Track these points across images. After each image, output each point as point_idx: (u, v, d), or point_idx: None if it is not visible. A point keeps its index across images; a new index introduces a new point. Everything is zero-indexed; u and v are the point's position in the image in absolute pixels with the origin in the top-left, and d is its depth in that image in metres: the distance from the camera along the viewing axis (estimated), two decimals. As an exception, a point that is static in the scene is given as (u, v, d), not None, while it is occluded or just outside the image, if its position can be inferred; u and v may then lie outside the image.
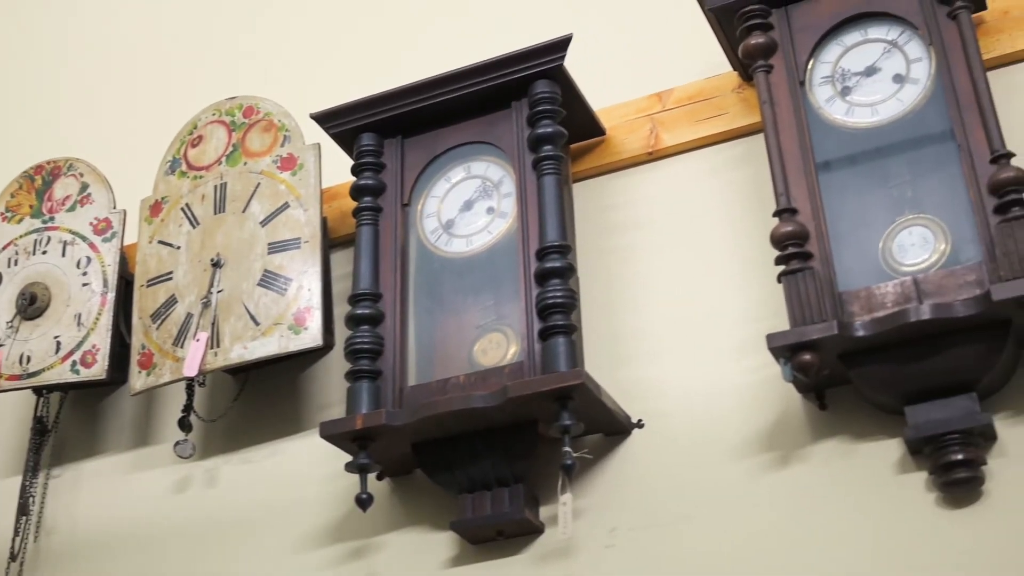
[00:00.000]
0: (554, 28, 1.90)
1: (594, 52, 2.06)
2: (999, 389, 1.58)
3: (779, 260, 1.61)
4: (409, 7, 2.40)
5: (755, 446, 1.69)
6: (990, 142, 1.56)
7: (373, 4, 2.45)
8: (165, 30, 2.67)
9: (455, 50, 2.11)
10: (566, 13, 2.18)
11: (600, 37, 2.11)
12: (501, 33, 2.13)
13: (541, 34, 1.88)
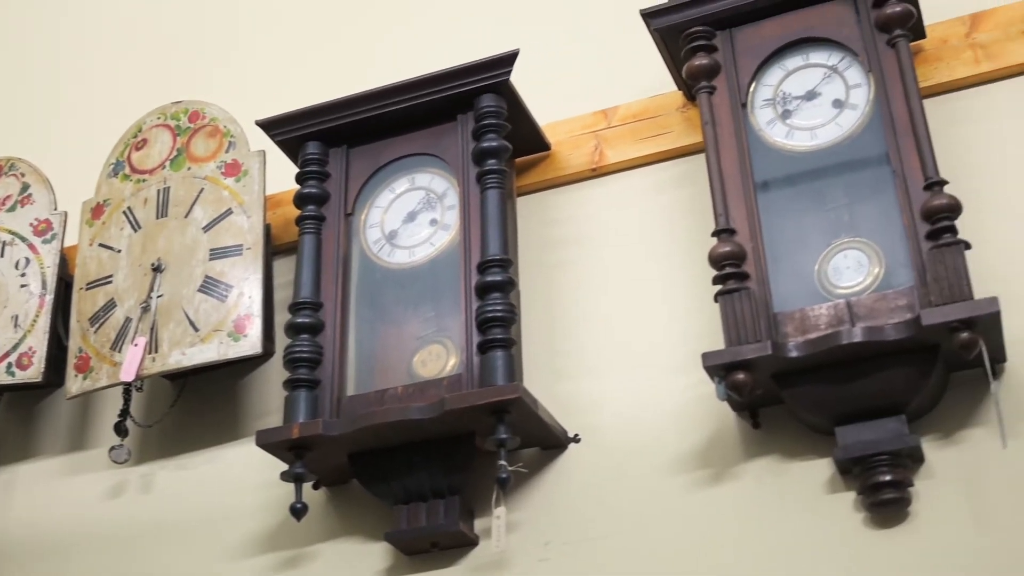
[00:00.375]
0: (503, 43, 1.91)
1: (541, 67, 2.07)
2: (928, 412, 1.60)
3: (716, 280, 1.63)
4: (359, 18, 2.40)
5: (689, 463, 1.71)
6: (924, 169, 1.59)
7: (324, 14, 2.45)
8: (112, 32, 2.65)
9: (404, 61, 2.11)
10: (515, 28, 2.19)
11: (548, 53, 2.12)
12: (450, 46, 2.14)
13: (490, 48, 1.89)
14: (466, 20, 2.26)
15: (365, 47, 2.34)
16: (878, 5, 1.70)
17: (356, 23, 2.40)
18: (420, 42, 2.28)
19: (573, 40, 2.15)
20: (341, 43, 2.38)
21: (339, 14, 2.43)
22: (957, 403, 1.60)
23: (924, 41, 1.83)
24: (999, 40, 1.81)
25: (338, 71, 2.29)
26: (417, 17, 2.33)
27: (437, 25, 2.29)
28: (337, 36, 2.40)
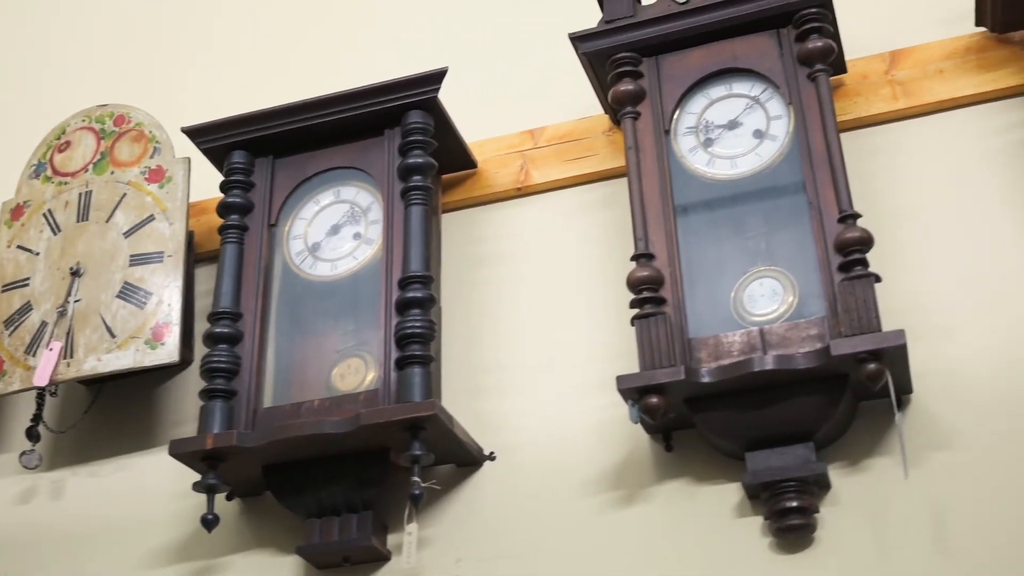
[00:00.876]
0: (435, 59, 1.93)
1: (471, 85, 2.09)
2: (836, 440, 1.63)
3: (633, 304, 1.65)
4: (292, 29, 2.40)
5: (603, 483, 1.72)
6: (839, 202, 1.62)
7: (257, 23, 2.44)
8: (38, 32, 2.62)
9: (336, 74, 2.11)
10: (447, 46, 2.20)
11: (478, 72, 2.14)
12: (383, 61, 2.15)
13: (422, 64, 1.90)
14: (400, 36, 2.27)
15: (299, 58, 2.34)
16: (800, 39, 1.73)
17: (289, 34, 2.39)
18: (353, 56, 2.28)
19: (503, 60, 2.17)
20: (274, 53, 2.38)
21: (273, 24, 2.43)
22: (864, 432, 1.63)
23: (845, 76, 1.87)
24: (917, 78, 1.85)
25: (269, 81, 2.28)
26: (351, 31, 2.34)
27: (371, 40, 2.30)
28: (270, 46, 2.39)
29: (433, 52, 2.13)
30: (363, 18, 2.35)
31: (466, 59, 2.11)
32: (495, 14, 2.23)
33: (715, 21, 1.78)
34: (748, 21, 1.77)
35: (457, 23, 2.25)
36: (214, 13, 2.50)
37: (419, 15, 2.30)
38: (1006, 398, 1.61)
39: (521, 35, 2.18)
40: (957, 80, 1.84)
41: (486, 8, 2.25)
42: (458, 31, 2.24)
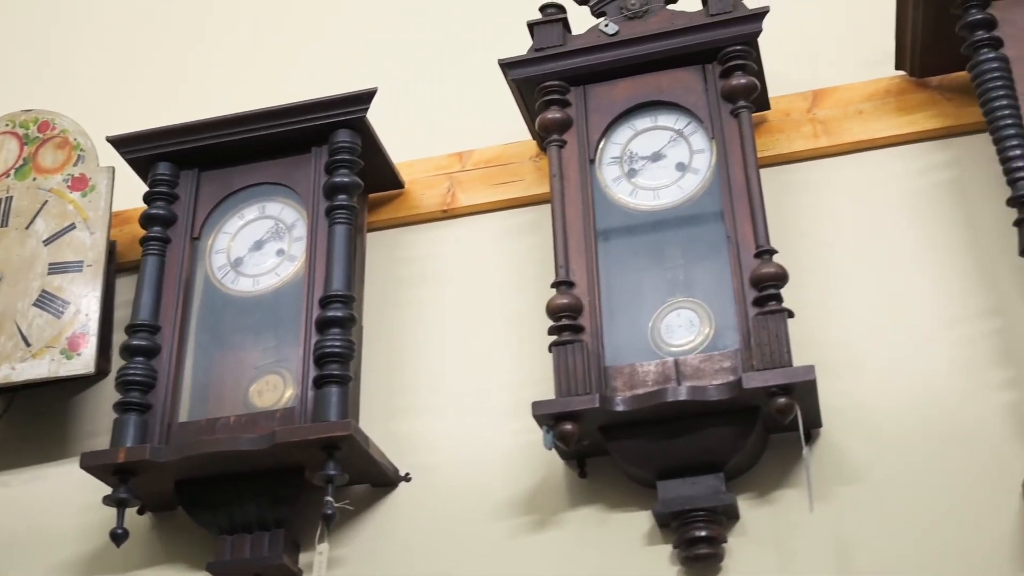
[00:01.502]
0: (366, 78, 1.93)
1: (402, 106, 2.10)
2: (746, 471, 1.66)
3: (552, 330, 1.66)
4: (227, 42, 2.39)
5: (516, 508, 1.73)
6: (756, 237, 1.65)
7: (191, 35, 2.43)
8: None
9: (268, 90, 2.11)
10: (380, 65, 2.21)
11: (409, 92, 2.15)
12: (315, 78, 2.16)
13: (354, 83, 1.91)
14: (335, 55, 2.27)
15: (231, 72, 2.33)
16: (725, 76, 1.76)
17: (223, 48, 2.39)
18: (286, 72, 2.27)
19: (434, 82, 2.18)
20: (206, 66, 2.37)
21: (207, 38, 2.42)
22: (774, 464, 1.66)
23: (768, 112, 1.91)
24: (837, 117, 1.89)
25: (200, 93, 2.27)
26: (286, 48, 2.33)
27: (305, 57, 2.30)
28: (203, 59, 2.38)
29: (366, 71, 2.14)
30: (298, 35, 2.34)
31: (398, 79, 2.13)
32: (428, 36, 2.24)
33: (643, 54, 1.81)
34: (675, 56, 1.80)
35: (390, 44, 2.26)
36: (146, 23, 2.48)
37: (354, 34, 2.30)
38: (912, 434, 1.64)
39: (452, 58, 2.20)
40: (876, 121, 1.88)
41: (419, 30, 2.26)
42: (391, 52, 2.25)
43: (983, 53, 1.66)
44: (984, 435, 1.62)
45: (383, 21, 2.30)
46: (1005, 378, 1.65)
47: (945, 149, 1.84)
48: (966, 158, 1.81)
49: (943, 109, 1.85)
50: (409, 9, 2.30)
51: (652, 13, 1.84)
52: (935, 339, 1.70)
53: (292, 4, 2.40)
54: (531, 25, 1.87)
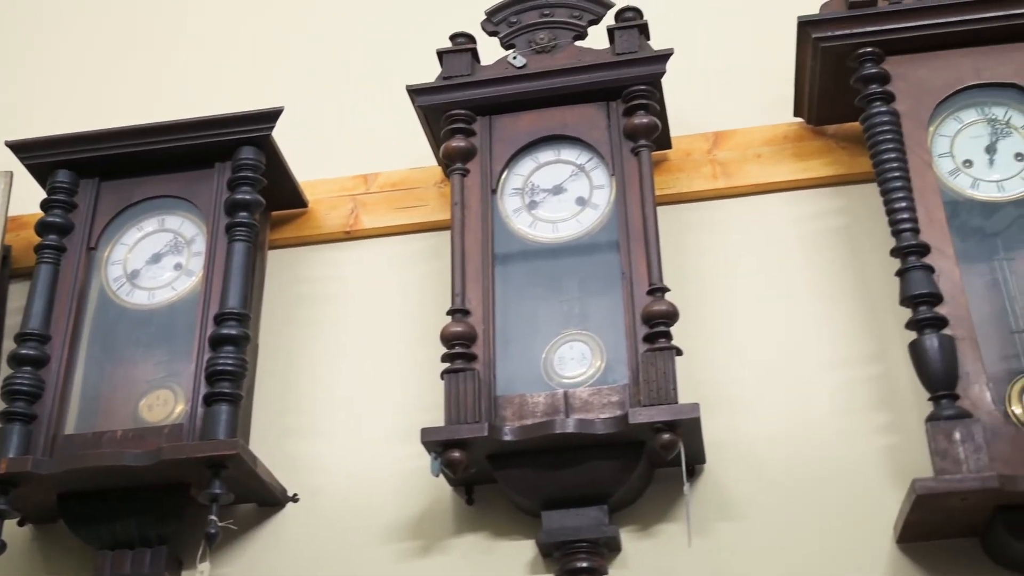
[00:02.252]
0: (276, 97, 1.94)
1: (310, 126, 2.11)
2: (630, 504, 1.68)
3: (445, 358, 1.67)
4: (137, 55, 2.38)
5: (403, 532, 1.74)
6: (650, 274, 1.68)
7: (103, 44, 2.41)
8: None
9: (174, 103, 2.11)
10: (290, 85, 2.21)
11: (318, 112, 2.16)
12: (224, 95, 2.15)
13: (261, 100, 1.91)
14: (244, 72, 2.27)
15: (140, 83, 2.31)
16: (628, 114, 1.80)
17: (132, 58, 2.37)
18: (195, 86, 2.27)
19: (342, 104, 2.18)
20: (115, 75, 2.35)
21: (116, 47, 2.40)
22: (658, 497, 1.69)
23: (670, 151, 1.95)
24: (737, 160, 1.94)
25: (106, 102, 2.26)
26: (196, 61, 2.33)
27: (214, 72, 2.29)
28: (110, 68, 2.36)
29: (276, 90, 2.14)
30: (210, 52, 2.34)
31: (307, 100, 2.13)
32: (339, 58, 2.25)
33: (549, 88, 1.83)
34: (580, 92, 1.82)
35: (301, 64, 2.27)
36: (54, 29, 2.45)
37: (266, 53, 2.30)
38: (792, 473, 1.68)
39: (361, 81, 2.21)
40: (774, 166, 1.92)
41: (331, 52, 2.27)
42: (301, 72, 2.25)
43: (875, 106, 1.71)
44: (861, 477, 1.66)
45: (295, 41, 2.31)
46: (883, 422, 1.69)
47: (838, 196, 1.89)
48: (857, 206, 1.86)
49: (838, 157, 1.91)
50: (322, 31, 2.31)
51: (560, 48, 1.87)
52: (819, 381, 1.74)
53: (206, 21, 2.40)
54: (440, 53, 1.88)
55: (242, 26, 2.36)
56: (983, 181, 1.70)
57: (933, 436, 1.49)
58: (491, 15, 1.92)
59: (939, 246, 1.62)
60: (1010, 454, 1.49)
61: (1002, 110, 1.74)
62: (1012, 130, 1.73)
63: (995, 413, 1.52)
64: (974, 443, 1.48)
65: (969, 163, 1.72)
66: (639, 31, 1.84)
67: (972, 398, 1.53)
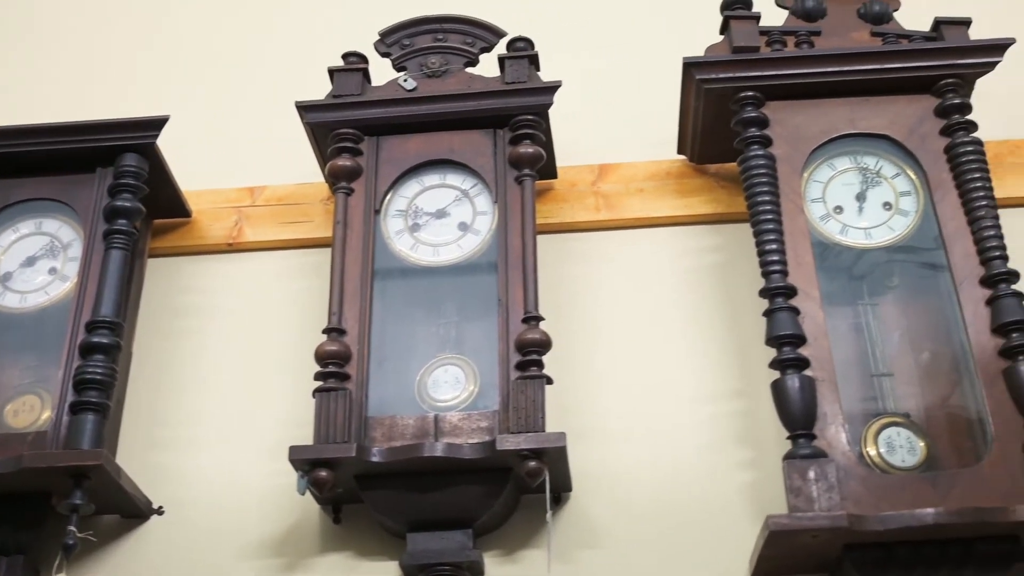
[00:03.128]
0: (165, 106, 1.92)
1: (199, 136, 2.10)
2: (495, 529, 1.70)
3: (317, 376, 1.67)
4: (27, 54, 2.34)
5: (267, 548, 1.73)
6: (526, 303, 1.70)
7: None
8: None
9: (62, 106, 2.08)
10: (180, 94, 2.20)
11: (207, 122, 2.15)
12: (112, 100, 2.13)
13: (153, 107, 1.90)
14: (133, 78, 2.25)
15: (27, 83, 2.28)
16: (514, 142, 1.82)
17: (22, 58, 2.34)
18: (82, 90, 2.24)
19: (232, 115, 2.18)
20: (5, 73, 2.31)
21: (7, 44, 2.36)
22: (523, 524, 1.70)
23: (556, 180, 1.97)
24: (620, 193, 1.97)
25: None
26: (85, 67, 2.30)
27: (102, 77, 2.26)
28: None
29: (165, 99, 2.12)
30: (98, 58, 2.31)
31: (196, 110, 2.12)
32: (229, 71, 2.25)
33: (437, 113, 1.85)
34: (468, 118, 1.84)
35: (191, 75, 2.25)
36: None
37: (157, 62, 2.29)
38: (656, 504, 1.71)
39: (252, 94, 2.20)
40: (656, 201, 1.96)
41: (222, 65, 2.26)
42: (192, 82, 2.24)
43: (752, 149, 1.76)
44: (722, 511, 1.70)
45: (189, 52, 2.30)
46: (745, 458, 1.74)
47: (715, 234, 1.94)
48: (733, 245, 1.90)
49: (717, 196, 1.95)
50: (216, 43, 2.30)
51: (451, 74, 1.89)
52: (686, 415, 1.78)
53: (98, 29, 2.37)
54: (332, 71, 1.89)
55: (134, 34, 2.34)
56: (852, 227, 1.76)
57: (789, 474, 1.54)
58: (385, 36, 1.93)
59: (806, 289, 1.67)
60: (861, 494, 1.54)
61: (873, 160, 1.80)
62: (882, 180, 1.79)
63: (849, 454, 1.56)
64: (827, 482, 1.53)
65: (840, 209, 1.77)
66: (529, 61, 1.87)
67: (828, 438, 1.57)
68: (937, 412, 1.69)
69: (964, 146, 1.74)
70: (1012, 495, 1.52)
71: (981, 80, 1.83)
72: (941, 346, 1.72)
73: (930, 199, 1.74)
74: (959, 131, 1.76)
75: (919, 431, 1.65)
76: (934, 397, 1.71)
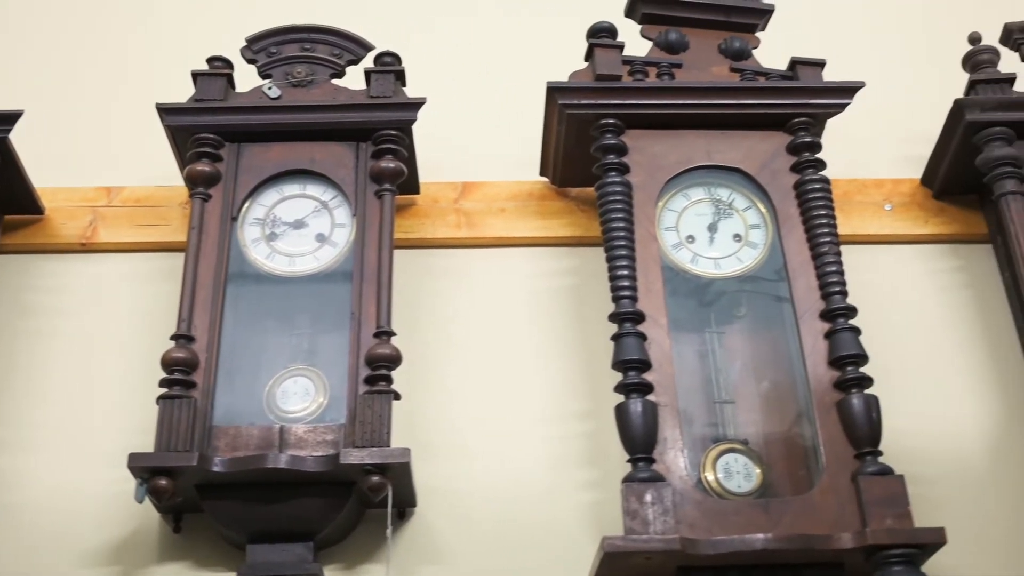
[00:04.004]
0: (21, 100, 1.88)
1: (55, 132, 2.06)
2: (337, 542, 1.70)
3: (163, 383, 1.65)
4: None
5: (103, 557, 1.70)
6: (379, 317, 1.70)
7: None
8: None
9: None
10: (36, 89, 2.15)
11: (64, 120, 2.11)
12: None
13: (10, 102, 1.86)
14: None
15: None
16: (375, 156, 1.82)
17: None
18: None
19: (90, 113, 2.14)
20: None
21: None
22: (366, 538, 1.70)
23: (418, 196, 1.98)
24: (481, 211, 1.99)
25: None
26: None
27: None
28: None
29: (21, 93, 2.08)
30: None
31: (56, 105, 2.09)
32: (90, 69, 2.20)
33: (300, 123, 1.84)
34: (331, 129, 1.84)
35: (50, 70, 2.20)
36: None
37: (15, 54, 2.23)
38: (499, 521, 1.73)
39: (115, 93, 2.16)
40: (517, 221, 1.98)
41: (82, 62, 2.22)
42: (54, 78, 2.19)
43: (610, 176, 1.79)
44: (564, 530, 1.73)
45: (47, 47, 2.24)
46: (589, 479, 1.76)
47: (573, 257, 1.97)
48: (588, 268, 1.93)
49: (576, 219, 1.98)
50: (75, 40, 2.26)
51: (316, 84, 1.88)
52: (534, 434, 1.80)
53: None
54: (195, 75, 1.87)
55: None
56: (702, 257, 1.80)
57: (626, 497, 1.56)
58: (252, 43, 1.91)
59: (654, 315, 1.70)
60: (696, 518, 1.58)
61: (727, 192, 1.84)
62: (734, 212, 1.84)
63: (687, 478, 1.60)
64: (663, 506, 1.56)
65: (692, 239, 1.81)
66: (396, 76, 1.87)
67: (667, 463, 1.61)
68: (775, 440, 1.74)
69: (812, 183, 1.80)
70: (839, 523, 1.58)
71: (833, 120, 1.89)
72: (782, 376, 1.77)
73: (778, 233, 1.79)
74: (808, 168, 1.82)
75: (756, 458, 1.70)
76: (773, 426, 1.76)
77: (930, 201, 2.03)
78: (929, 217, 2.01)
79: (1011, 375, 1.88)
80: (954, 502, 1.77)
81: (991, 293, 1.95)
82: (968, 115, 1.87)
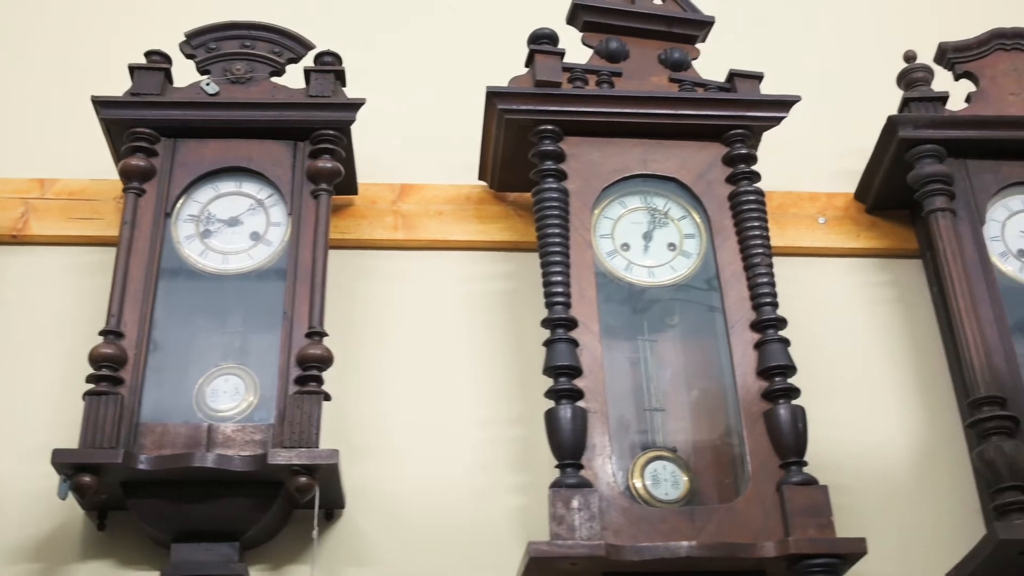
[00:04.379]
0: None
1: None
2: (264, 542, 1.69)
3: (90, 379, 1.63)
4: None
5: (25, 554, 1.68)
6: (311, 318, 1.70)
7: None
8: None
9: None
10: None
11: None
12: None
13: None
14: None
15: None
16: (313, 156, 1.82)
17: None
18: None
19: (26, 104, 2.11)
20: None
21: None
22: (292, 539, 1.70)
23: (356, 197, 1.98)
24: (419, 214, 1.99)
25: None
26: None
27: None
28: None
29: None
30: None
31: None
32: (26, 59, 2.18)
33: (238, 120, 1.83)
34: (269, 128, 1.83)
35: None
36: None
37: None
38: (427, 524, 1.74)
39: (48, 85, 2.14)
40: (454, 224, 1.99)
41: (20, 52, 2.19)
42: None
43: (547, 182, 1.80)
44: (492, 534, 1.73)
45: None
46: (519, 483, 1.77)
47: (509, 261, 1.97)
48: (524, 273, 1.94)
49: (514, 224, 1.99)
50: (11, 29, 2.23)
51: (255, 82, 1.87)
52: (465, 437, 1.81)
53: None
54: (132, 68, 1.85)
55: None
56: (636, 265, 1.81)
57: (553, 502, 1.57)
58: (191, 38, 1.90)
59: (586, 322, 1.71)
60: (622, 525, 1.59)
61: (662, 201, 1.86)
62: (669, 221, 1.85)
63: (614, 485, 1.61)
64: (589, 512, 1.57)
65: (627, 247, 1.82)
66: (336, 76, 1.87)
67: (595, 469, 1.62)
68: (703, 448, 1.76)
69: (746, 195, 1.82)
70: (763, 532, 1.59)
71: (770, 133, 1.91)
72: (712, 384, 1.79)
73: (712, 243, 1.81)
74: (743, 180, 1.84)
75: (684, 466, 1.71)
76: (702, 434, 1.77)
77: (863, 216, 2.06)
78: (861, 231, 2.04)
79: (936, 389, 1.91)
80: (877, 513, 1.80)
81: (920, 308, 1.99)
82: (901, 132, 1.90)
